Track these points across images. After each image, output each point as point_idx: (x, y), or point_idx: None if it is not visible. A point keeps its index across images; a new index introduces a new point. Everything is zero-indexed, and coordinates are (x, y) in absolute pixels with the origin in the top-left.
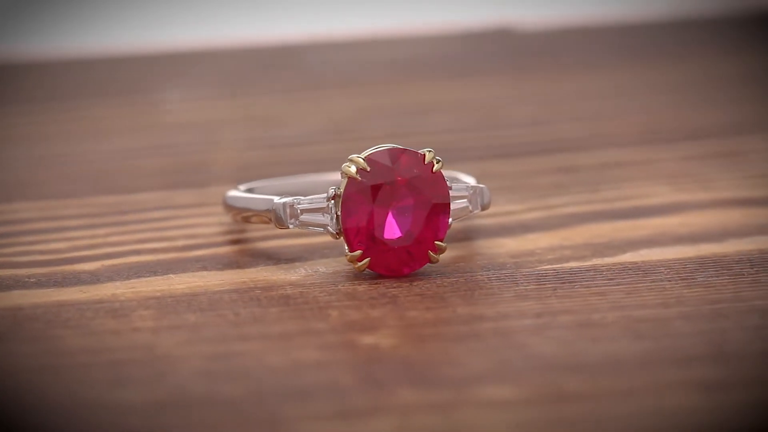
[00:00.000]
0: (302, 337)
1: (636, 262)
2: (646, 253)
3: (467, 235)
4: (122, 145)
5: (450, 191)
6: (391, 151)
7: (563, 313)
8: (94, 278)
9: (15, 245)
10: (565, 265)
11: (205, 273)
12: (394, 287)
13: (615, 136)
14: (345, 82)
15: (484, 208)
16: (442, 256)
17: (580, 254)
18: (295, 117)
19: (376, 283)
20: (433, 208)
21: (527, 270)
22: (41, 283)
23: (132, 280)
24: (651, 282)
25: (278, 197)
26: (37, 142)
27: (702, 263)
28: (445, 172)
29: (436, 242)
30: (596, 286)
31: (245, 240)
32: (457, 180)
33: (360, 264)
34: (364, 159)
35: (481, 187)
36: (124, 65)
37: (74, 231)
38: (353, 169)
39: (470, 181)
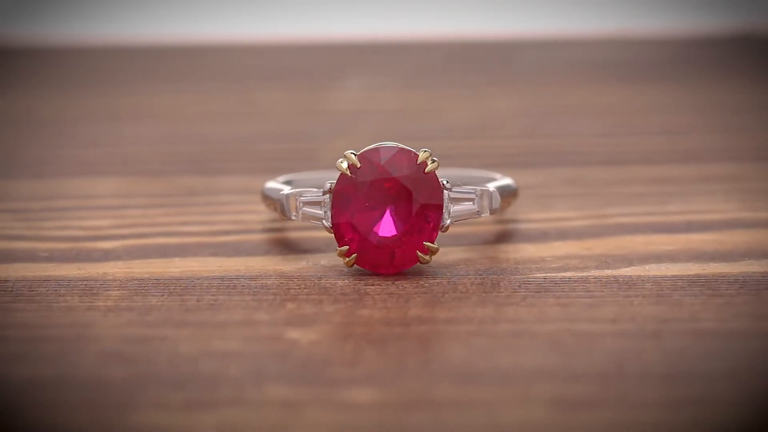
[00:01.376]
0: (236, 328)
1: (631, 277)
2: (650, 268)
3: (498, 238)
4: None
5: (456, 193)
6: (385, 149)
7: (505, 322)
8: (103, 256)
9: (60, 219)
10: (561, 274)
11: (210, 259)
12: (374, 285)
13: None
14: (542, 80)
15: (492, 212)
16: (448, 258)
17: (584, 264)
18: (448, 111)
19: (359, 280)
20: (422, 209)
21: (518, 277)
22: (50, 257)
23: (135, 261)
24: (623, 297)
25: (288, 189)
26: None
27: (694, 282)
28: (482, 172)
29: (425, 243)
30: (566, 298)
31: (282, 229)
32: (492, 180)
33: (348, 259)
34: (356, 156)
35: (490, 191)
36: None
37: (128, 209)
38: (345, 165)
39: (508, 181)
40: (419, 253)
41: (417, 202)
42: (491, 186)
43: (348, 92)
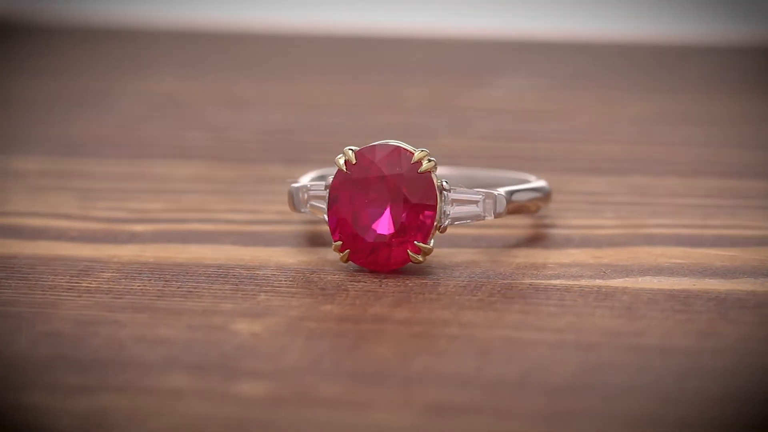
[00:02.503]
0: (190, 316)
1: (616, 288)
2: (643, 280)
3: (518, 242)
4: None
5: (459, 195)
6: (381, 147)
7: (454, 326)
8: (127, 239)
9: (116, 200)
10: (550, 281)
11: (225, 247)
12: (359, 281)
13: None
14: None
15: (497, 216)
16: (455, 259)
17: (580, 273)
18: (574, 114)
19: (351, 276)
20: (413, 208)
21: (505, 281)
22: (75, 237)
23: (152, 245)
24: (591, 308)
25: (300, 182)
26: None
27: (674, 297)
28: (518, 175)
29: (416, 243)
30: (534, 305)
31: (319, 222)
32: (525, 182)
33: (342, 255)
34: (354, 152)
35: (495, 194)
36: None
37: (188, 194)
38: (342, 160)
39: (540, 184)
40: (410, 253)
41: (409, 201)
42: (501, 190)
43: (494, 89)
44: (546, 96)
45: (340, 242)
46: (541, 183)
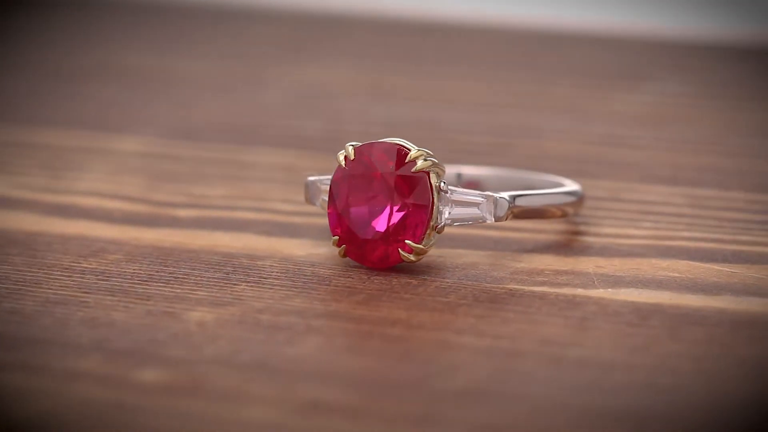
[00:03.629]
0: (156, 301)
1: (590, 298)
2: (624, 292)
3: (534, 247)
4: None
5: (460, 196)
6: (380, 145)
7: (400, 326)
8: (164, 223)
9: (184, 184)
10: (529, 288)
11: (250, 236)
12: (347, 277)
13: None
14: None
15: (498, 219)
16: (459, 261)
17: (569, 282)
18: (698, 121)
19: (344, 271)
20: (404, 207)
21: (486, 285)
22: (117, 219)
23: (180, 230)
24: (544, 316)
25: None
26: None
27: (637, 311)
28: (554, 178)
29: (407, 241)
30: (493, 311)
31: None
32: (560, 185)
33: (339, 250)
34: (354, 148)
35: (497, 197)
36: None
37: (255, 182)
38: (341, 156)
39: (574, 188)
40: (401, 252)
41: (401, 200)
42: (505, 194)
43: (637, 95)
44: (677, 102)
45: (337, 237)
46: (567, 188)
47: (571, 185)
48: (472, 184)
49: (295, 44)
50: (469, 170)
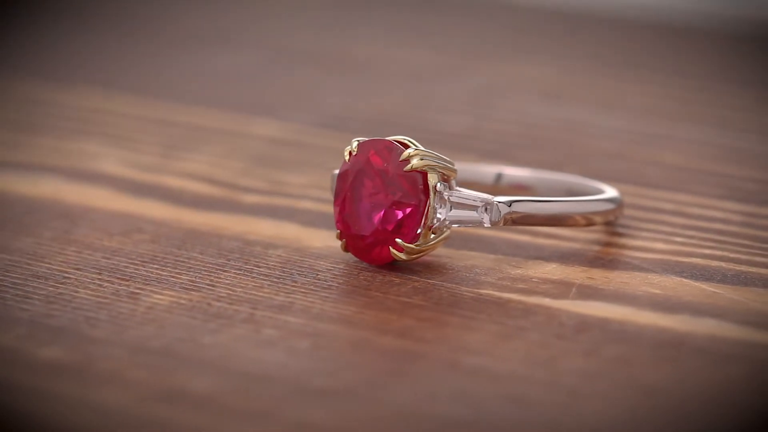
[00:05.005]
0: (135, 283)
1: (550, 308)
2: (590, 305)
3: (549, 255)
4: None
5: (459, 198)
6: (378, 142)
7: (341, 323)
8: (222, 207)
9: (269, 168)
10: (504, 295)
11: (283, 224)
12: (339, 271)
13: None
14: None
15: (494, 224)
16: (462, 263)
17: (547, 291)
18: None
19: (338, 265)
20: (394, 205)
21: (465, 289)
22: (186, 201)
23: (229, 215)
24: (489, 324)
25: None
26: None
27: (585, 323)
28: (596, 184)
29: (397, 240)
30: (441, 315)
31: None
32: (600, 191)
33: (341, 243)
34: (358, 144)
35: (494, 202)
36: None
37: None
38: (346, 151)
39: (612, 194)
40: (392, 250)
41: (391, 198)
42: (504, 198)
43: None
44: None
45: (339, 231)
46: (609, 195)
47: (607, 193)
48: (520, 186)
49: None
50: (511, 171)
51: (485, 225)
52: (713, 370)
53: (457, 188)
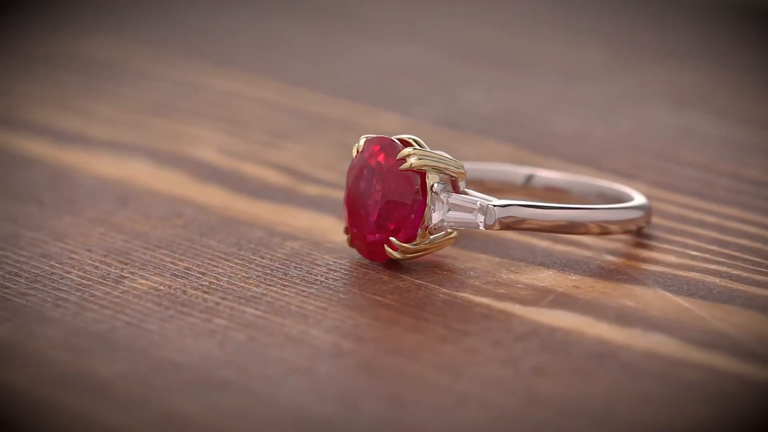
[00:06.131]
0: (136, 267)
1: (510, 314)
2: (549, 313)
3: (552, 261)
4: None
5: (458, 200)
6: (380, 140)
7: (297, 318)
8: (277, 197)
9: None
10: (477, 298)
11: (323, 218)
12: (336, 266)
13: None
14: None
15: (487, 227)
16: (460, 264)
17: (522, 297)
18: None
19: (338, 260)
20: (389, 204)
21: (444, 291)
22: (243, 187)
23: (276, 205)
24: (435, 324)
25: None
26: None
27: (535, 333)
28: (626, 190)
29: (391, 238)
30: (398, 315)
31: None
32: (625, 195)
33: (347, 238)
34: (365, 140)
35: (488, 205)
36: None
37: None
38: (354, 147)
39: (636, 202)
40: (387, 248)
41: (385, 197)
42: (499, 202)
43: None
44: None
45: (345, 226)
46: (636, 202)
47: (633, 201)
48: (553, 189)
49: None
50: (544, 173)
51: (480, 228)
52: (624, 384)
53: (465, 190)
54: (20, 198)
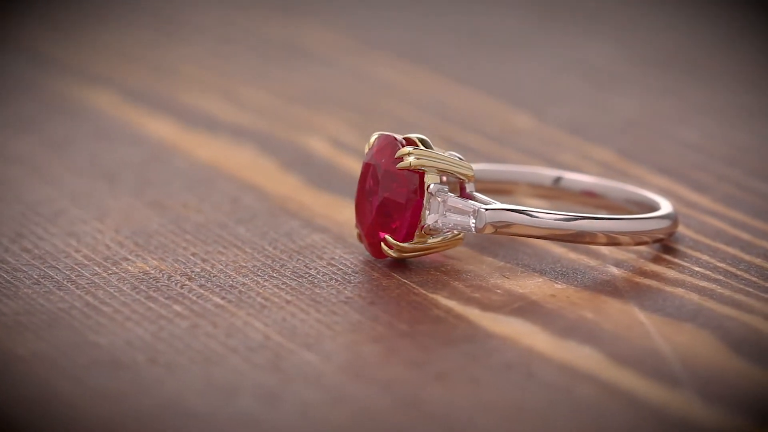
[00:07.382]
0: (144, 252)
1: (462, 319)
2: (506, 321)
3: (551, 270)
4: None
5: (457, 202)
6: (384, 137)
7: (261, 310)
8: (344, 191)
9: None
10: (445, 302)
11: (346, 204)
12: (329, 260)
13: None
14: None
15: (478, 231)
16: (461, 266)
17: (491, 304)
18: None
19: (342, 253)
20: (384, 202)
21: (419, 292)
22: (308, 178)
23: (337, 197)
24: (385, 326)
25: None
26: None
27: (464, 340)
28: (652, 197)
29: (386, 236)
30: (358, 314)
31: None
32: (654, 207)
33: (357, 233)
34: (374, 138)
35: (478, 210)
36: None
37: None
38: (366, 145)
39: (664, 205)
40: (383, 246)
41: (381, 195)
42: (494, 206)
43: None
44: None
45: (355, 222)
46: (662, 212)
47: (657, 212)
48: (588, 193)
49: None
50: (573, 176)
51: (472, 231)
52: (508, 396)
53: (472, 193)
54: (94, 175)
